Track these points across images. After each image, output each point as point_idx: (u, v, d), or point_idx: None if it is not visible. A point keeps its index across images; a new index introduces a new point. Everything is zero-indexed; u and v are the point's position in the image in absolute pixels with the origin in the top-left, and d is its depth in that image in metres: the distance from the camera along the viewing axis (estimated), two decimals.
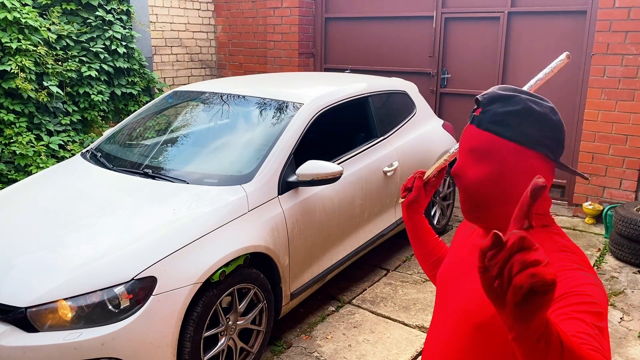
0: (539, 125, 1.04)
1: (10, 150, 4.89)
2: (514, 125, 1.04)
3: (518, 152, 1.04)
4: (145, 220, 2.68)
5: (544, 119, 1.04)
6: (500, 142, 1.04)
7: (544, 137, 1.04)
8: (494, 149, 1.05)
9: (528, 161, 1.04)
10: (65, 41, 5.63)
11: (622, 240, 4.26)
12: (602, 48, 4.93)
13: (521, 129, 1.03)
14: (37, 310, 2.29)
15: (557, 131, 1.05)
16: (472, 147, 1.08)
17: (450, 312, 1.19)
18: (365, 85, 4.11)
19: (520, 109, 1.04)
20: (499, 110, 1.05)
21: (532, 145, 1.03)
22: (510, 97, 1.06)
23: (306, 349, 3.15)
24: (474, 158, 1.08)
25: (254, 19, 7.63)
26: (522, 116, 1.04)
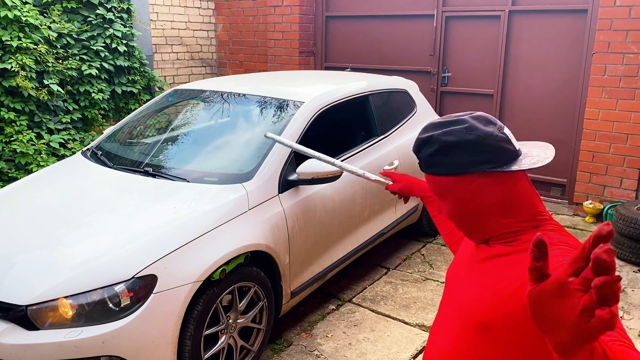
0: (460, 151, 1.09)
1: (10, 149, 4.89)
2: (442, 162, 1.11)
3: (460, 181, 1.10)
4: (146, 219, 2.68)
5: (462, 143, 1.09)
6: (443, 180, 1.12)
7: (474, 156, 1.08)
8: (443, 186, 1.12)
9: (473, 183, 1.10)
10: (66, 39, 5.63)
11: (623, 239, 4.26)
12: (602, 47, 4.93)
13: (448, 162, 1.10)
14: (38, 308, 2.29)
15: (482, 145, 1.08)
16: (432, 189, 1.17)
17: (455, 310, 1.20)
18: (365, 83, 4.10)
19: (437, 148, 1.11)
20: (427, 154, 1.13)
21: (467, 170, 1.09)
22: (427, 140, 1.13)
23: (306, 347, 3.15)
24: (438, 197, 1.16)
25: (255, 17, 7.63)
26: (443, 152, 1.10)
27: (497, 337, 1.08)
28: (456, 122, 1.11)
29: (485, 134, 1.08)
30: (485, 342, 1.11)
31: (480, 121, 1.11)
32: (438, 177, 1.12)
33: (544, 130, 5.71)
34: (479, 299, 1.12)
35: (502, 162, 1.08)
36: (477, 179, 1.09)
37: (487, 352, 1.11)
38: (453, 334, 1.18)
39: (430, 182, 1.15)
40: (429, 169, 1.13)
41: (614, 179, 5.07)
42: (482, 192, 1.09)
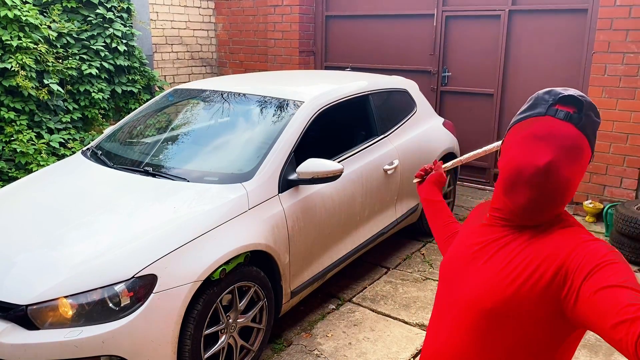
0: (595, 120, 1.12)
1: (10, 148, 4.89)
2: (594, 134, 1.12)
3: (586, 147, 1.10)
4: (146, 218, 2.68)
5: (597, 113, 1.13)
6: (587, 147, 1.10)
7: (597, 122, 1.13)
8: (585, 152, 1.10)
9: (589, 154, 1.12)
10: (66, 39, 5.63)
11: (623, 238, 4.26)
12: (602, 46, 4.92)
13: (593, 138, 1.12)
14: (38, 308, 2.29)
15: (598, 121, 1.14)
16: (574, 145, 1.08)
17: (457, 299, 1.20)
18: (365, 83, 4.10)
19: (598, 122, 1.12)
20: (593, 120, 1.11)
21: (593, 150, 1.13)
22: (596, 109, 1.13)
23: (306, 346, 3.15)
24: (572, 157, 1.08)
25: (255, 17, 7.63)
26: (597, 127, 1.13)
27: (502, 323, 1.08)
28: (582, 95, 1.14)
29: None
30: (489, 328, 1.11)
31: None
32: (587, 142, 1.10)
33: None
34: (483, 285, 1.13)
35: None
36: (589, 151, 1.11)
37: (491, 338, 1.11)
38: (455, 321, 1.18)
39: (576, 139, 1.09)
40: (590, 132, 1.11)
41: (614, 178, 5.07)
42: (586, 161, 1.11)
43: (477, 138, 6.16)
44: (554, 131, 1.08)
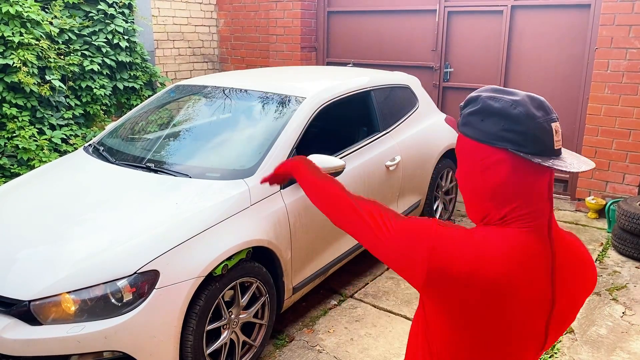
0: (497, 121, 1.05)
1: (13, 144, 4.90)
2: (474, 124, 1.08)
3: (481, 149, 1.07)
4: (148, 214, 2.69)
5: (502, 113, 1.04)
6: (467, 142, 1.10)
7: (504, 132, 1.04)
8: (465, 149, 1.10)
9: (492, 157, 1.06)
10: (68, 35, 5.63)
11: (625, 234, 4.25)
12: (605, 42, 4.91)
13: (480, 126, 1.06)
14: (41, 303, 2.30)
15: (518, 124, 1.03)
16: (456, 148, 1.14)
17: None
18: (367, 79, 4.09)
19: (478, 108, 1.07)
20: (466, 112, 1.10)
21: (492, 141, 1.05)
22: (474, 98, 1.10)
23: (308, 342, 3.16)
24: (458, 159, 1.15)
25: (256, 12, 7.61)
26: (481, 114, 1.07)
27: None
28: (510, 93, 1.08)
29: (528, 114, 1.03)
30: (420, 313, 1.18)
31: (533, 102, 1.05)
32: (465, 138, 1.10)
33: None
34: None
35: (530, 149, 1.02)
36: (497, 155, 1.05)
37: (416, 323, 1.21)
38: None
39: (457, 142, 1.13)
40: (462, 127, 1.10)
41: (616, 174, 5.06)
42: (494, 170, 1.06)
43: None
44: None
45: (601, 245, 4.55)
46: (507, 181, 1.05)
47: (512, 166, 1.04)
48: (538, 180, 1.05)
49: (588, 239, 4.68)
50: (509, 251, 1.03)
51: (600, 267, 4.14)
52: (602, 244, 4.56)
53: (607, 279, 3.93)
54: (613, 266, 4.15)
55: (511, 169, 1.04)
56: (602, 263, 4.21)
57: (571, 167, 1.02)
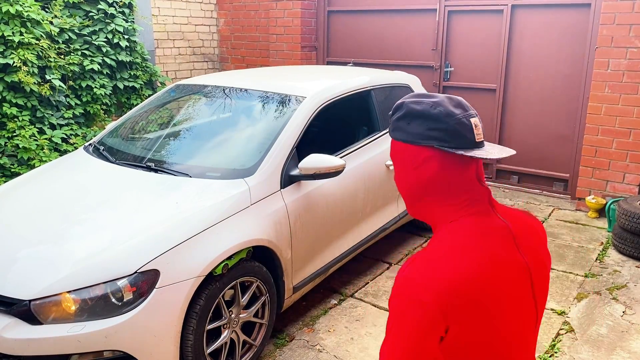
0: (420, 122, 1.14)
1: (13, 144, 4.90)
2: (402, 128, 1.17)
3: (410, 149, 1.16)
4: (148, 214, 2.69)
5: (424, 114, 1.14)
6: (398, 146, 1.18)
7: (429, 131, 1.12)
8: (397, 152, 1.19)
9: (420, 155, 1.15)
10: (68, 34, 5.63)
11: (625, 234, 4.25)
12: (606, 41, 4.90)
13: (407, 129, 1.15)
14: (41, 303, 2.30)
15: (440, 122, 1.12)
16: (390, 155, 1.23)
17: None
18: (367, 78, 4.09)
19: (404, 113, 1.17)
20: (394, 118, 1.19)
21: (419, 141, 1.14)
22: (400, 105, 1.18)
23: (308, 342, 3.16)
24: (393, 164, 1.22)
25: (257, 12, 7.61)
26: (407, 118, 1.16)
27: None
28: (430, 96, 1.17)
29: (447, 113, 1.12)
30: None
31: (451, 102, 1.15)
32: (394, 142, 1.19)
33: (546, 125, 5.70)
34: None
35: (453, 144, 1.11)
36: (425, 153, 1.14)
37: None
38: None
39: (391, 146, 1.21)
40: (391, 132, 1.19)
41: (616, 173, 5.06)
42: (425, 166, 1.15)
43: None
44: None
45: (601, 244, 4.55)
46: (439, 174, 1.14)
47: (440, 160, 1.13)
48: (465, 170, 1.15)
49: (588, 238, 4.68)
50: (480, 257, 1.08)
51: (601, 266, 4.14)
52: (602, 244, 4.56)
53: (608, 278, 3.93)
54: (613, 265, 4.15)
55: (439, 163, 1.13)
56: (602, 262, 4.21)
57: (491, 155, 1.10)
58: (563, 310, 3.48)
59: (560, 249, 4.45)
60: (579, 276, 3.97)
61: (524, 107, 5.82)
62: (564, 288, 3.79)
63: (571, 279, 3.93)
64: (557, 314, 3.45)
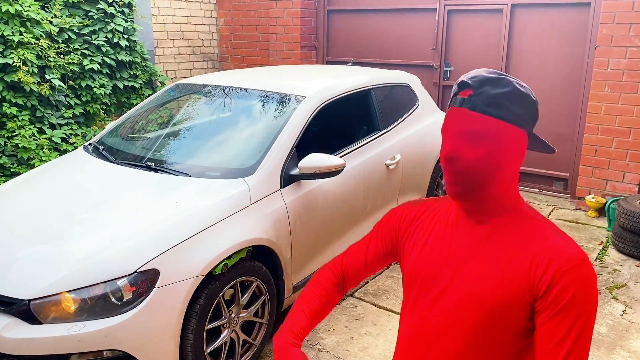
0: (525, 105, 1.11)
1: (13, 144, 4.90)
2: (506, 106, 1.09)
3: (511, 131, 1.09)
4: (148, 213, 2.69)
5: (528, 99, 1.11)
6: (495, 123, 1.08)
7: (528, 116, 1.11)
8: (491, 130, 1.08)
9: (518, 139, 1.11)
10: (67, 34, 5.63)
11: (625, 233, 4.25)
12: (606, 40, 4.90)
13: (513, 109, 1.09)
14: (41, 302, 2.30)
15: (536, 111, 1.13)
16: (467, 130, 1.10)
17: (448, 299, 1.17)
18: (367, 78, 4.09)
19: (510, 90, 1.09)
20: (492, 93, 1.09)
21: (522, 124, 1.10)
22: (499, 80, 1.10)
23: (308, 341, 3.16)
24: (470, 140, 1.10)
25: (256, 11, 7.61)
26: (513, 97, 1.09)
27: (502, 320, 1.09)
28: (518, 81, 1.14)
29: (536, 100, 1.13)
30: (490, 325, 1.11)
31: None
32: (492, 119, 1.08)
33: (546, 124, 5.70)
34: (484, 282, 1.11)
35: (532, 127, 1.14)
36: (521, 137, 1.11)
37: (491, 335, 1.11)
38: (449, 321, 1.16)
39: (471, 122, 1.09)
40: (488, 108, 1.08)
41: (616, 173, 5.06)
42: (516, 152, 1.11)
43: None
44: (452, 120, 1.13)
45: (601, 243, 4.55)
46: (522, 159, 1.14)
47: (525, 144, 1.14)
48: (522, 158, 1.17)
49: (588, 237, 4.68)
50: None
51: (600, 265, 4.14)
52: (602, 243, 4.56)
53: (607, 278, 3.93)
54: (613, 265, 4.15)
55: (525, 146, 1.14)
56: (602, 262, 4.21)
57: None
58: None
59: None
60: None
61: None
62: None
63: None
64: None
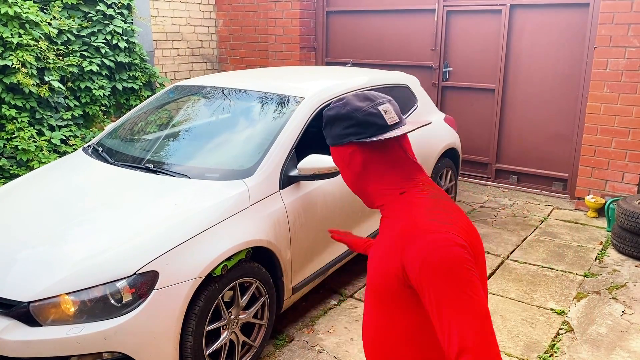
0: (335, 124, 1.28)
1: (12, 146, 4.90)
2: (328, 134, 1.31)
3: (338, 151, 1.30)
4: (147, 215, 2.69)
5: (336, 117, 1.28)
6: (331, 150, 1.33)
7: (345, 130, 1.26)
8: (333, 156, 1.33)
9: (346, 153, 1.28)
10: (66, 36, 5.63)
11: (624, 233, 4.25)
12: (604, 41, 4.91)
13: (331, 133, 1.30)
14: (40, 304, 2.30)
15: (350, 119, 1.25)
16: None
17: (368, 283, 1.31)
18: (366, 79, 4.09)
19: (325, 121, 1.31)
20: (323, 129, 1.33)
21: (341, 141, 1.27)
22: (322, 116, 1.33)
23: (308, 342, 3.16)
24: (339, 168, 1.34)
25: (255, 12, 7.61)
26: (328, 125, 1.31)
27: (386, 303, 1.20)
28: (340, 99, 1.30)
29: (355, 108, 1.25)
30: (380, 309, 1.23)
31: (358, 98, 1.28)
32: (330, 148, 1.32)
33: (545, 125, 5.70)
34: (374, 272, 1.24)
35: (369, 133, 1.23)
36: (350, 149, 1.27)
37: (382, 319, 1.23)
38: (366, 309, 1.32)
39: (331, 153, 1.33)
40: (327, 141, 1.31)
41: (615, 173, 5.06)
42: (353, 161, 1.27)
43: (478, 133, 6.15)
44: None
45: (601, 244, 4.55)
46: (367, 162, 1.26)
47: (362, 151, 1.26)
48: (389, 152, 1.27)
49: (587, 237, 4.68)
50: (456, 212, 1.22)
51: (600, 266, 4.15)
52: (601, 243, 4.56)
53: (607, 278, 3.93)
54: (613, 265, 4.15)
55: (362, 154, 1.26)
56: (601, 262, 4.21)
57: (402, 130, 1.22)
58: (562, 310, 3.48)
59: (559, 248, 4.45)
60: (578, 276, 3.97)
61: (523, 107, 5.83)
62: (563, 288, 3.79)
63: (570, 278, 3.93)
64: (557, 313, 3.45)
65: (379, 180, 1.26)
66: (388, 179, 1.26)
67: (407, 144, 1.31)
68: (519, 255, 4.32)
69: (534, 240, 4.62)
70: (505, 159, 6.08)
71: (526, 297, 3.66)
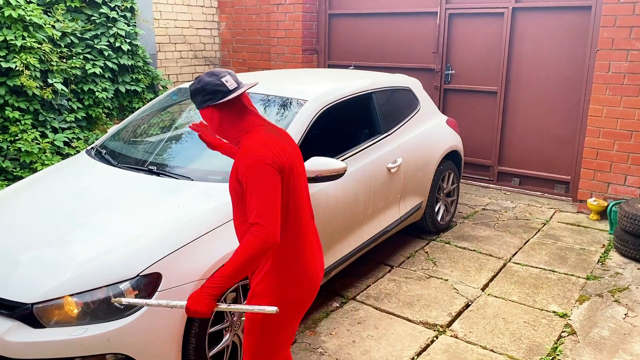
0: (196, 95, 1.89)
1: (15, 148, 4.92)
2: (194, 102, 1.92)
3: (203, 113, 1.92)
4: (150, 217, 2.70)
5: (196, 91, 1.89)
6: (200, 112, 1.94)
7: (204, 96, 1.87)
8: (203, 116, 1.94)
9: (208, 113, 1.91)
10: (70, 38, 5.65)
11: (627, 236, 4.25)
12: (606, 43, 4.91)
13: (195, 102, 1.91)
14: (43, 306, 2.31)
15: (204, 91, 1.87)
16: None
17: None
18: (369, 81, 4.10)
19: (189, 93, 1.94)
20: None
21: (202, 106, 1.89)
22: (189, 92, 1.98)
23: (310, 344, 3.16)
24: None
25: (258, 15, 7.63)
26: (191, 97, 1.92)
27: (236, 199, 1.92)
28: (195, 78, 1.91)
29: (206, 82, 1.86)
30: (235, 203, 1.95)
31: (207, 75, 1.88)
32: (199, 111, 1.92)
33: (547, 127, 5.70)
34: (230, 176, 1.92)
35: (218, 98, 1.84)
36: (209, 110, 1.89)
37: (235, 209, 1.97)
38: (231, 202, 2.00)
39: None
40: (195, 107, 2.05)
41: (618, 176, 5.05)
42: (212, 117, 1.90)
43: (480, 136, 6.16)
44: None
45: (603, 247, 4.54)
46: (222, 117, 1.90)
47: (218, 110, 1.89)
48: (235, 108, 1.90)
49: (590, 240, 4.67)
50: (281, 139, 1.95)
51: (602, 268, 4.14)
52: (604, 246, 4.56)
53: (609, 281, 3.93)
54: (615, 268, 4.14)
55: (218, 112, 1.89)
56: (604, 265, 4.21)
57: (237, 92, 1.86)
58: (565, 313, 3.48)
59: (561, 251, 4.45)
60: (580, 278, 3.97)
61: (525, 109, 5.83)
62: (565, 290, 3.79)
63: (573, 281, 3.93)
64: (559, 316, 3.45)
65: (232, 127, 1.90)
66: (238, 125, 1.90)
67: (246, 100, 1.93)
68: (521, 258, 4.32)
69: (536, 243, 4.62)
70: (508, 161, 6.08)
71: (528, 299, 3.66)
